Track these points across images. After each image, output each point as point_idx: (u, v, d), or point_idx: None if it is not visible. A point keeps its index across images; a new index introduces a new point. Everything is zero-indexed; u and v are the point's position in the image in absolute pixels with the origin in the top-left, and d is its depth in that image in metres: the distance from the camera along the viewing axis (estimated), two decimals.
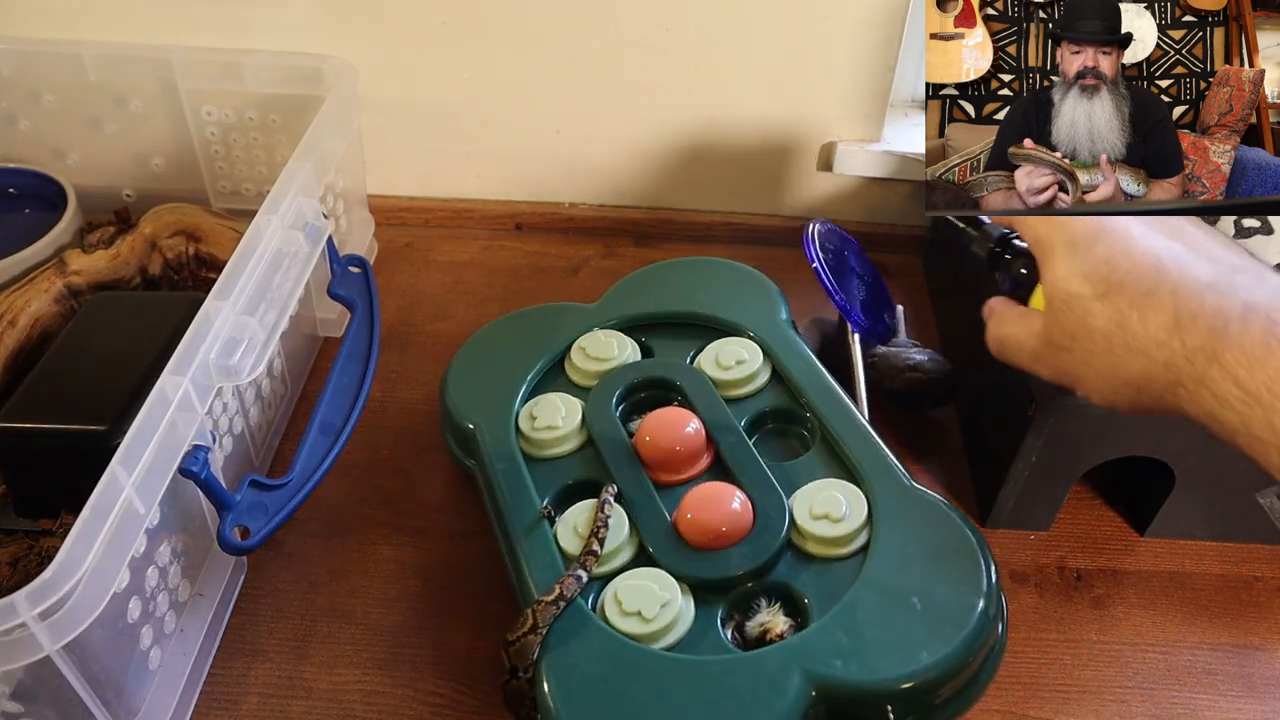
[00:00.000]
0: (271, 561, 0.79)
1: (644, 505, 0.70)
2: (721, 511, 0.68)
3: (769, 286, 0.88)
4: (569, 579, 0.64)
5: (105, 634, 0.60)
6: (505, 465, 0.74)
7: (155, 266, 0.96)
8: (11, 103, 1.01)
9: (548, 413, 0.77)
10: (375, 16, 1.00)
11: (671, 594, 0.64)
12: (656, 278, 0.91)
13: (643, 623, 0.63)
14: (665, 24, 0.99)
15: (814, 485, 0.70)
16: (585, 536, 0.68)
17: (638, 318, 0.86)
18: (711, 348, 0.82)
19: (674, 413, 0.76)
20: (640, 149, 1.08)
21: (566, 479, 0.74)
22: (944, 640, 0.60)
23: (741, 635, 0.65)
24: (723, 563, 0.66)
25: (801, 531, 0.68)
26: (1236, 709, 0.71)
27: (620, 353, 0.82)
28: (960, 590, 0.63)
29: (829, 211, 1.12)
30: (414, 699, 0.71)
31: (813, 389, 0.78)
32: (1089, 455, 0.76)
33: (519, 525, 0.70)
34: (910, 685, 0.59)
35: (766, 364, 0.81)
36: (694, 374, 0.80)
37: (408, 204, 1.14)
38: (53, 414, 0.74)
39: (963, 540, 0.66)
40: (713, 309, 0.85)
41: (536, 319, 0.87)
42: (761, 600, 0.66)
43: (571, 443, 0.76)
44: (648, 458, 0.74)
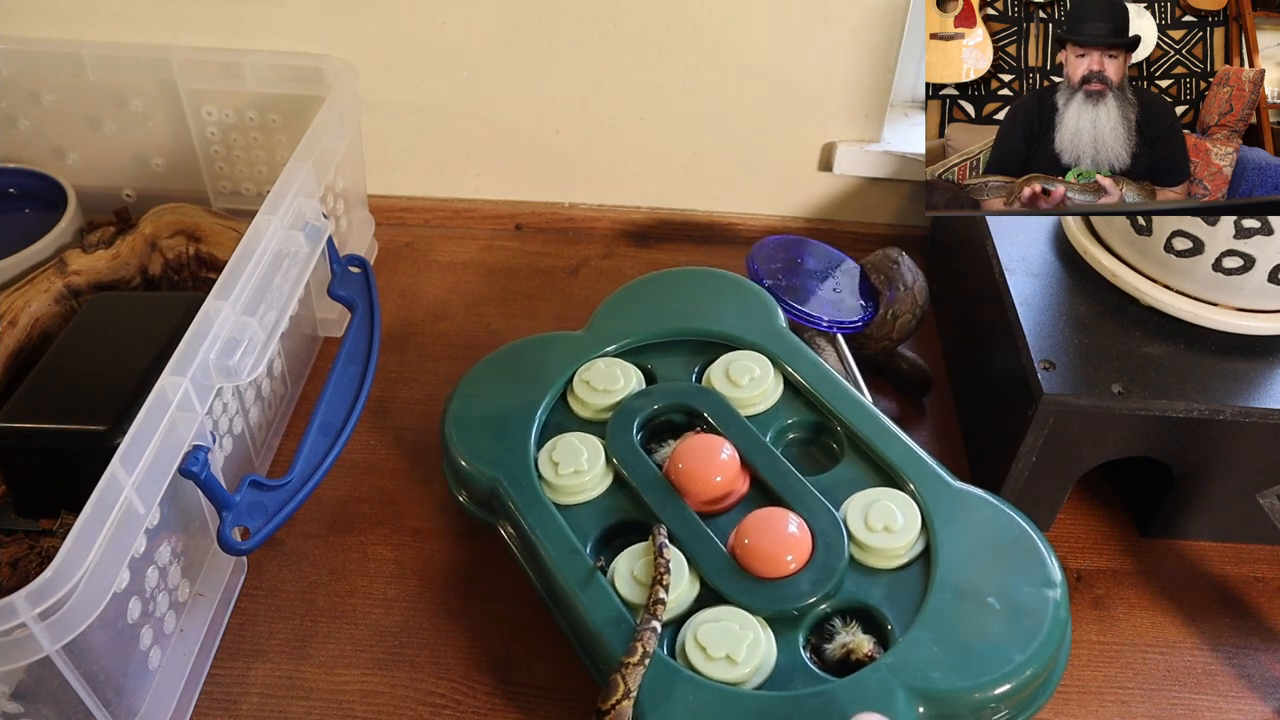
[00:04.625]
0: (271, 561, 0.79)
1: (697, 540, 0.68)
2: (784, 539, 0.66)
3: (759, 293, 0.86)
4: (646, 633, 0.62)
5: (105, 634, 0.60)
6: (540, 519, 0.70)
7: (155, 266, 0.96)
8: (11, 103, 1.01)
9: (569, 456, 0.73)
10: (375, 16, 1.00)
11: (753, 631, 0.63)
12: (640, 296, 0.87)
13: (733, 666, 0.61)
14: (665, 24, 0.99)
15: (862, 497, 0.69)
16: (647, 584, 0.65)
17: (634, 341, 0.83)
18: (718, 365, 0.79)
19: (704, 440, 0.73)
20: (640, 149, 1.08)
21: (605, 523, 0.71)
22: (1030, 635, 0.61)
23: (821, 658, 0.64)
24: (793, 590, 0.65)
25: (862, 545, 0.67)
26: (1236, 709, 0.71)
27: (626, 382, 0.79)
28: (1032, 583, 0.63)
29: (829, 211, 1.12)
30: (413, 699, 0.71)
31: (833, 396, 0.76)
32: (1089, 455, 0.76)
33: (572, 581, 0.66)
34: (1010, 685, 0.59)
35: (778, 375, 0.79)
36: (711, 396, 0.77)
37: (408, 204, 1.14)
38: (53, 414, 0.74)
39: (1021, 533, 0.66)
40: (710, 323, 0.83)
41: (525, 356, 0.82)
42: (836, 621, 0.65)
43: (601, 485, 0.73)
44: (685, 489, 0.71)
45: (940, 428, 0.91)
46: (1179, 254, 0.76)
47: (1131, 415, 0.73)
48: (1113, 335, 0.77)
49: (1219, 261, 0.74)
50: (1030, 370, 0.74)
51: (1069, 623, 0.64)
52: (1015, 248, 0.85)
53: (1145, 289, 0.78)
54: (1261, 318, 0.76)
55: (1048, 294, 0.80)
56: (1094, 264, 0.81)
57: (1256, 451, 0.74)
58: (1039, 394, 0.72)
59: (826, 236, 1.12)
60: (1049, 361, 0.74)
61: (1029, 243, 0.85)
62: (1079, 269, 0.83)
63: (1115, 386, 0.72)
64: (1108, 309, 0.79)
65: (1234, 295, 0.76)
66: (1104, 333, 0.77)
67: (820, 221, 1.12)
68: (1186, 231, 0.74)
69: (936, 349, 0.99)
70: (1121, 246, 0.80)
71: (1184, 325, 0.77)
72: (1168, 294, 0.77)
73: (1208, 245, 0.74)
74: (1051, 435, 0.74)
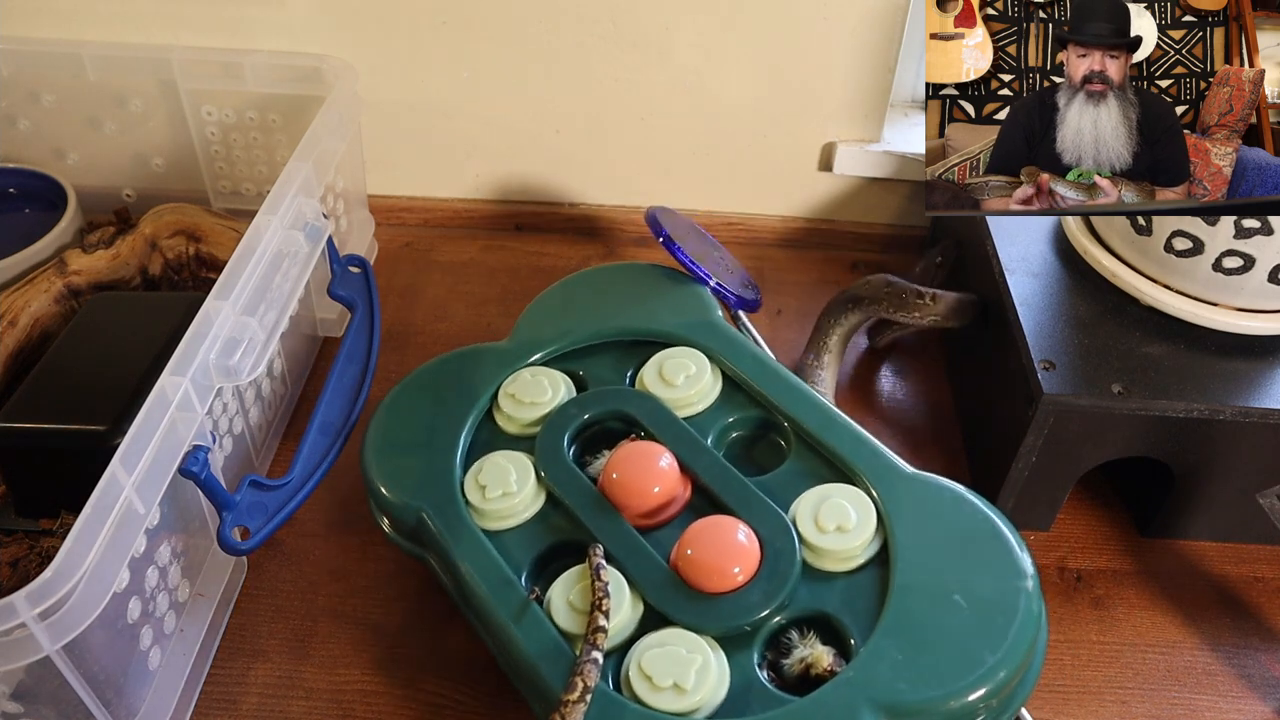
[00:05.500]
0: (271, 561, 0.79)
1: (636, 558, 0.63)
2: (729, 549, 0.61)
3: (692, 286, 0.81)
4: (586, 665, 0.57)
5: (105, 634, 0.60)
6: (469, 549, 0.65)
7: (155, 266, 0.96)
8: (11, 103, 1.01)
9: (496, 478, 0.68)
10: (375, 16, 1.00)
11: (701, 654, 0.58)
12: (566, 298, 0.82)
13: (681, 695, 0.56)
14: (665, 24, 0.99)
15: (811, 495, 0.65)
16: (586, 610, 0.60)
17: (562, 347, 0.78)
18: (651, 364, 0.75)
19: (640, 447, 0.68)
20: (640, 149, 1.08)
21: (539, 547, 0.66)
22: (1001, 633, 0.56)
23: (781, 675, 0.59)
24: (743, 604, 0.60)
25: (814, 549, 0.63)
26: (1236, 709, 0.71)
27: (554, 392, 0.74)
28: (1000, 575, 0.59)
29: (829, 211, 1.12)
30: (413, 699, 0.71)
31: (775, 389, 0.72)
32: (1089, 455, 0.76)
33: (505, 614, 0.61)
34: (984, 689, 0.55)
35: (716, 372, 0.75)
36: (645, 399, 0.72)
37: (408, 204, 1.14)
38: (53, 414, 0.74)
39: (984, 521, 0.62)
40: (640, 321, 0.78)
41: (448, 372, 0.77)
42: (792, 633, 0.60)
43: (532, 506, 0.68)
44: (622, 503, 0.66)
45: (940, 428, 0.91)
46: (1179, 254, 0.76)
47: (1131, 415, 0.73)
48: (1113, 335, 0.77)
49: (1219, 261, 0.74)
50: (1030, 370, 0.74)
51: (1043, 614, 0.59)
52: (1015, 248, 0.85)
53: (1145, 289, 0.78)
54: (1261, 318, 0.76)
55: (1048, 294, 0.80)
56: (1094, 264, 0.82)
57: (1256, 451, 0.74)
58: (1039, 394, 0.72)
59: (826, 236, 1.12)
60: (1049, 361, 0.74)
61: (1029, 243, 0.85)
62: (1079, 269, 0.83)
63: (1115, 386, 0.72)
64: (1108, 309, 0.79)
65: (1234, 295, 0.76)
66: (1104, 333, 0.77)
67: (820, 221, 1.12)
68: (1186, 231, 0.74)
69: (936, 349, 0.99)
70: (1121, 246, 0.80)
71: (1184, 325, 0.77)
72: (1168, 294, 0.77)
73: (1208, 245, 0.74)
74: (1051, 435, 0.74)
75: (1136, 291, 0.79)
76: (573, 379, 0.77)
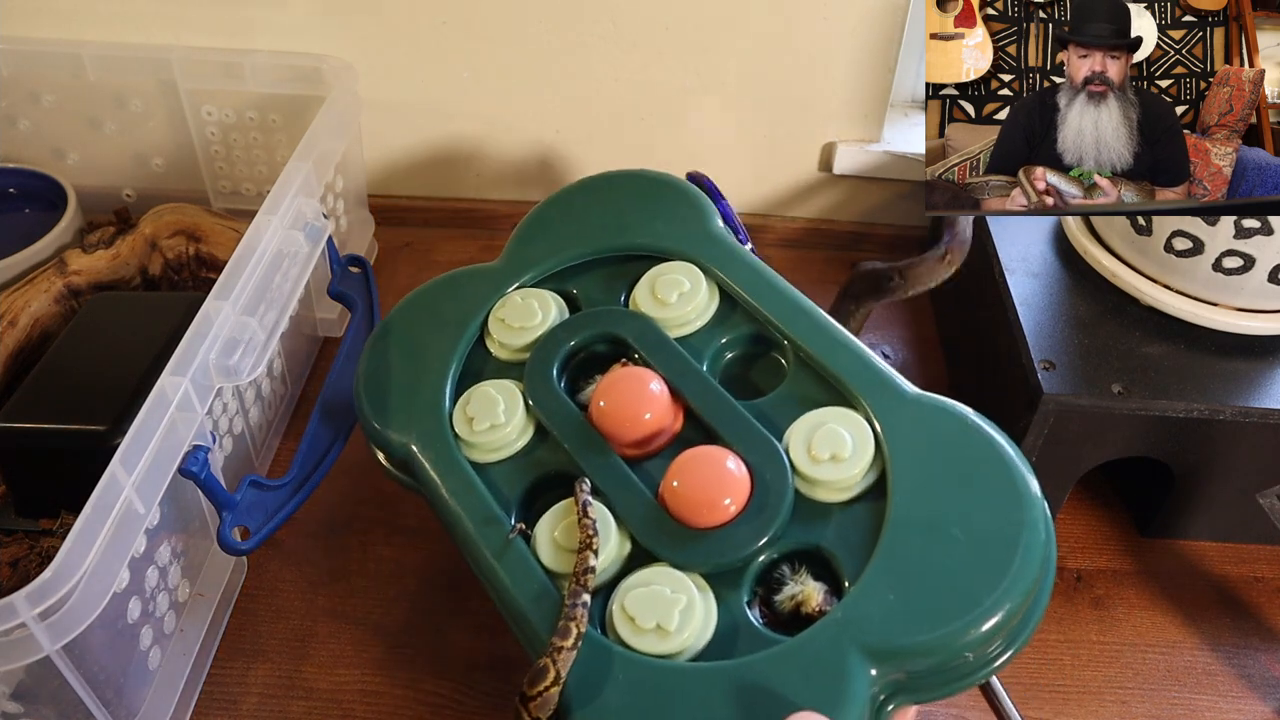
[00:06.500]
0: (271, 561, 0.79)
1: (622, 491, 0.60)
2: (717, 479, 0.58)
3: (690, 192, 0.76)
4: (578, 609, 0.54)
5: (105, 634, 0.60)
6: (455, 484, 0.62)
7: (155, 266, 0.96)
8: (11, 103, 1.01)
9: (485, 409, 0.64)
10: (375, 16, 1.00)
11: (686, 593, 0.55)
12: (557, 213, 0.77)
13: (665, 637, 0.54)
14: (665, 24, 0.99)
15: (806, 421, 0.60)
16: (572, 549, 0.57)
17: (553, 266, 0.73)
18: (644, 281, 0.70)
19: (629, 373, 0.64)
20: (640, 149, 1.08)
21: (527, 480, 0.63)
22: (1000, 568, 0.52)
23: (772, 611, 0.56)
24: (731, 539, 0.56)
25: (807, 479, 0.58)
26: (1236, 709, 0.71)
27: (545, 314, 0.69)
28: (1001, 505, 0.54)
29: (829, 211, 1.12)
30: (413, 699, 0.71)
31: (773, 304, 0.67)
32: (1089, 455, 0.76)
33: (490, 551, 0.59)
34: (979, 629, 0.51)
35: (712, 287, 0.69)
36: (637, 320, 0.68)
37: (408, 204, 1.13)
38: (53, 414, 0.74)
39: (988, 445, 0.57)
40: (633, 235, 0.73)
41: (439, 296, 0.73)
42: (784, 568, 0.56)
43: (523, 437, 0.65)
44: (610, 432, 0.62)
45: None
46: (1179, 254, 0.76)
47: (1131, 415, 0.73)
48: (1113, 335, 0.77)
49: (1219, 261, 0.74)
50: (1030, 370, 0.74)
51: (1049, 547, 0.54)
52: (1015, 248, 0.85)
53: (1145, 289, 0.78)
54: (1261, 318, 0.76)
55: (1048, 294, 0.80)
56: (1094, 264, 0.82)
57: (1256, 451, 0.74)
58: (1039, 394, 0.72)
59: (826, 236, 1.12)
60: (1049, 361, 0.74)
61: (1029, 243, 0.85)
62: (1079, 269, 0.83)
63: (1115, 386, 0.72)
64: (1108, 309, 0.79)
65: (1234, 295, 0.76)
66: (1104, 333, 0.77)
67: (820, 221, 1.12)
68: (1186, 231, 0.74)
69: (936, 349, 0.99)
70: (1121, 246, 0.80)
71: (1184, 325, 0.77)
72: (1168, 294, 0.77)
73: (1208, 245, 0.74)
74: (1051, 435, 0.74)
75: (1136, 291, 0.79)
76: (566, 299, 0.72)
